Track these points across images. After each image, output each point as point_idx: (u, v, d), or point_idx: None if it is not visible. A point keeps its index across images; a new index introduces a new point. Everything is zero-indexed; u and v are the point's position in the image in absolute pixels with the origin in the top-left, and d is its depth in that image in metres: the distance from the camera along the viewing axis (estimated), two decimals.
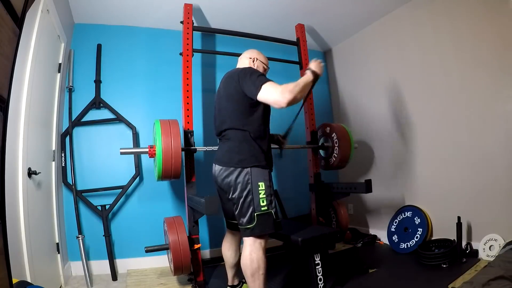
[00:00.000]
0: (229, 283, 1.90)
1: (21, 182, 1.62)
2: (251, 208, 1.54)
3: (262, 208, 1.54)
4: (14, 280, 1.22)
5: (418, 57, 2.71)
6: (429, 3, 2.60)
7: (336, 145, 2.60)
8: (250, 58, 1.82)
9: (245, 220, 1.54)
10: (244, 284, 1.91)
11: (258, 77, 1.56)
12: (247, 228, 1.54)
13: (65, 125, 2.54)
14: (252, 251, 1.54)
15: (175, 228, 1.96)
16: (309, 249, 1.79)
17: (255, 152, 1.60)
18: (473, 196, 2.33)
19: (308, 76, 1.62)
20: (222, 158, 1.65)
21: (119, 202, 2.56)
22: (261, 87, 1.51)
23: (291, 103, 1.47)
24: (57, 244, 2.19)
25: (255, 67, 1.78)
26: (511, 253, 1.78)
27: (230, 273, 1.88)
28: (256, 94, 1.52)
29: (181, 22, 2.42)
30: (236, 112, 1.63)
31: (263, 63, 1.84)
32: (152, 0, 2.52)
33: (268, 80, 1.55)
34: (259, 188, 1.55)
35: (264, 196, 1.55)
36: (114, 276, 2.38)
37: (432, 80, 2.61)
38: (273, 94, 1.48)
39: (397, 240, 2.69)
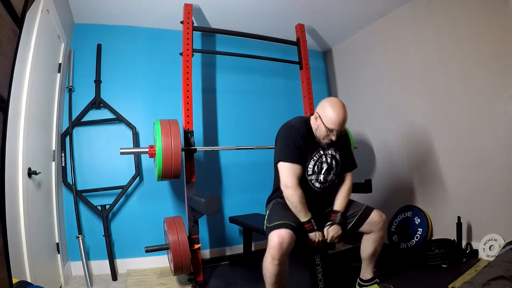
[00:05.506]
0: (360, 274, 1.86)
1: (21, 182, 1.62)
2: None
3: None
4: (14, 280, 1.22)
5: (418, 57, 2.71)
6: (429, 3, 2.59)
7: None
8: (317, 113, 1.67)
9: None
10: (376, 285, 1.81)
11: (284, 150, 1.64)
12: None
13: (65, 125, 2.54)
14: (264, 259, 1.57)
15: (175, 228, 1.96)
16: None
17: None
18: (473, 196, 2.33)
19: (302, 217, 1.61)
20: None
21: (119, 202, 2.56)
22: (279, 162, 1.64)
23: (285, 194, 1.62)
24: (57, 244, 2.19)
25: (315, 128, 1.68)
26: (511, 253, 1.78)
27: (362, 264, 1.84)
28: (276, 163, 1.67)
29: (181, 22, 2.42)
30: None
31: (325, 125, 1.61)
32: (152, 0, 2.52)
33: (290, 159, 1.61)
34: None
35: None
36: (114, 276, 2.38)
37: (432, 80, 2.61)
38: (283, 178, 1.62)
39: (397, 240, 2.69)
